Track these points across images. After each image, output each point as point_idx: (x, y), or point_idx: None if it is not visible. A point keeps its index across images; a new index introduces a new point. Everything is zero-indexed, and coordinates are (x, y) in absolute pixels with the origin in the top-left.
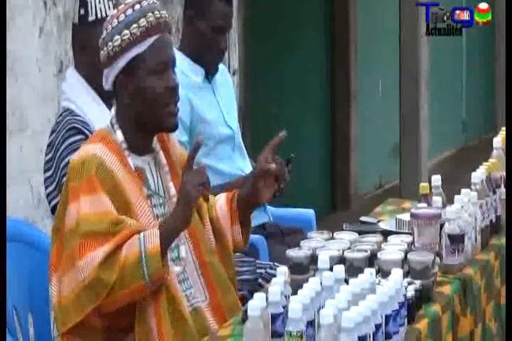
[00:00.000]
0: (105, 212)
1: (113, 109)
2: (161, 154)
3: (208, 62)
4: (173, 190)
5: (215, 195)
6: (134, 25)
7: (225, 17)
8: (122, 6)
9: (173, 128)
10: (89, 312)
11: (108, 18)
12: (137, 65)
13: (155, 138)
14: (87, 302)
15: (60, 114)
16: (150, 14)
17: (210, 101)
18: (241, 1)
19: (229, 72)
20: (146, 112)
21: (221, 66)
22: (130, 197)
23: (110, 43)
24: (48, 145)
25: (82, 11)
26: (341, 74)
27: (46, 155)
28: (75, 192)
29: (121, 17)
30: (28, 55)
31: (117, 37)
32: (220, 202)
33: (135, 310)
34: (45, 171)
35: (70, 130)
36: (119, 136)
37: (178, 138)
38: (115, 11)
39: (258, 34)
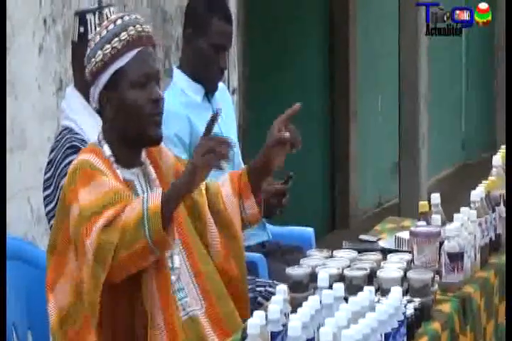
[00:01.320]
0: (105, 192)
1: (100, 125)
2: (150, 167)
3: (208, 81)
4: None
5: None
6: (115, 39)
7: (225, 35)
8: (105, 22)
9: (158, 139)
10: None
11: (91, 36)
12: (119, 78)
13: (143, 153)
14: (99, 271)
15: (60, 132)
16: (131, 28)
17: None
18: (240, 19)
19: (228, 90)
20: (130, 126)
21: (221, 84)
22: None
23: (93, 59)
24: (48, 164)
25: (82, 29)
26: (341, 91)
27: (46, 173)
28: (74, 192)
29: (104, 33)
30: (27, 73)
31: (99, 52)
32: (226, 187)
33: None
34: (45, 189)
35: (70, 148)
36: (107, 150)
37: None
38: (99, 28)
39: (257, 52)
